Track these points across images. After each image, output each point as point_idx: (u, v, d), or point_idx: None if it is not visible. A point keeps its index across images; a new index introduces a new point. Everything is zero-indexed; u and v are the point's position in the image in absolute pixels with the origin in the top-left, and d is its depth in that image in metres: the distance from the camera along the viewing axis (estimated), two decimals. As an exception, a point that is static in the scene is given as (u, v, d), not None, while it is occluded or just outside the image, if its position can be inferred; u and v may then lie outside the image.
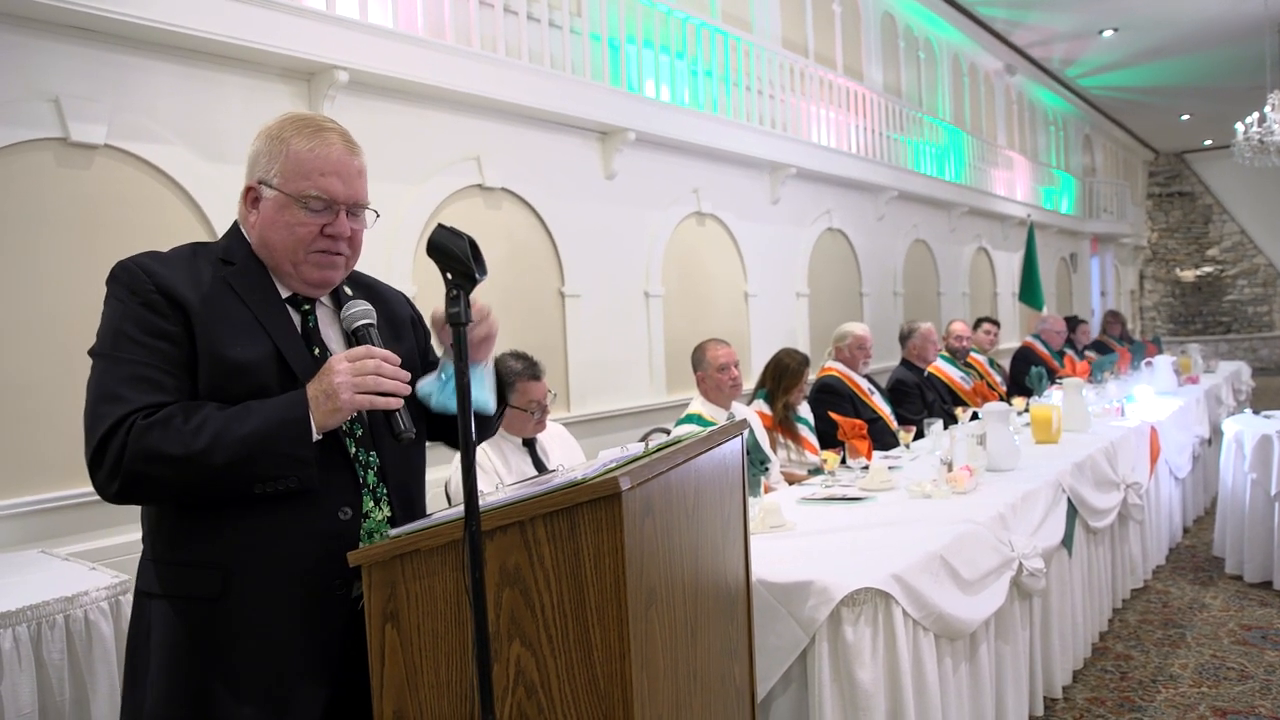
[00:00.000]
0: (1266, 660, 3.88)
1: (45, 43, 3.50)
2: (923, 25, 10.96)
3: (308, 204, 1.56)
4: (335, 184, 1.57)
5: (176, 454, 1.40)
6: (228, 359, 1.50)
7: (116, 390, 1.45)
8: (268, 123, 1.62)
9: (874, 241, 9.54)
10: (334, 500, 1.54)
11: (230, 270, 1.57)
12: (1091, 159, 17.23)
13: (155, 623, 1.52)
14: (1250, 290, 20.26)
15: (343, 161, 1.58)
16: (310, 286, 1.62)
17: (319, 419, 1.47)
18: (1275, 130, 11.26)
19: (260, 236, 1.59)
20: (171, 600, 1.51)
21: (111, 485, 1.43)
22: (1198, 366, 7.59)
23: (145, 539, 1.57)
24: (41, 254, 3.48)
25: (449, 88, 4.81)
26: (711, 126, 6.74)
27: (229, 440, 1.41)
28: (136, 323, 1.49)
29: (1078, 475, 3.85)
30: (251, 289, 1.57)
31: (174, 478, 1.42)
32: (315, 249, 1.58)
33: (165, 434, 1.41)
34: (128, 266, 1.54)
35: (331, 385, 1.47)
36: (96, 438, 1.43)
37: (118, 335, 1.49)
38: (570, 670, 1.34)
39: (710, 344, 4.19)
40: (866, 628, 2.31)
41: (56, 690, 2.48)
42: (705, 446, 1.67)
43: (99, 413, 1.44)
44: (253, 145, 1.61)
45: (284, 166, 1.56)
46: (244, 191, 1.61)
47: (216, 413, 1.44)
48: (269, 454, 1.43)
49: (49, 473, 3.46)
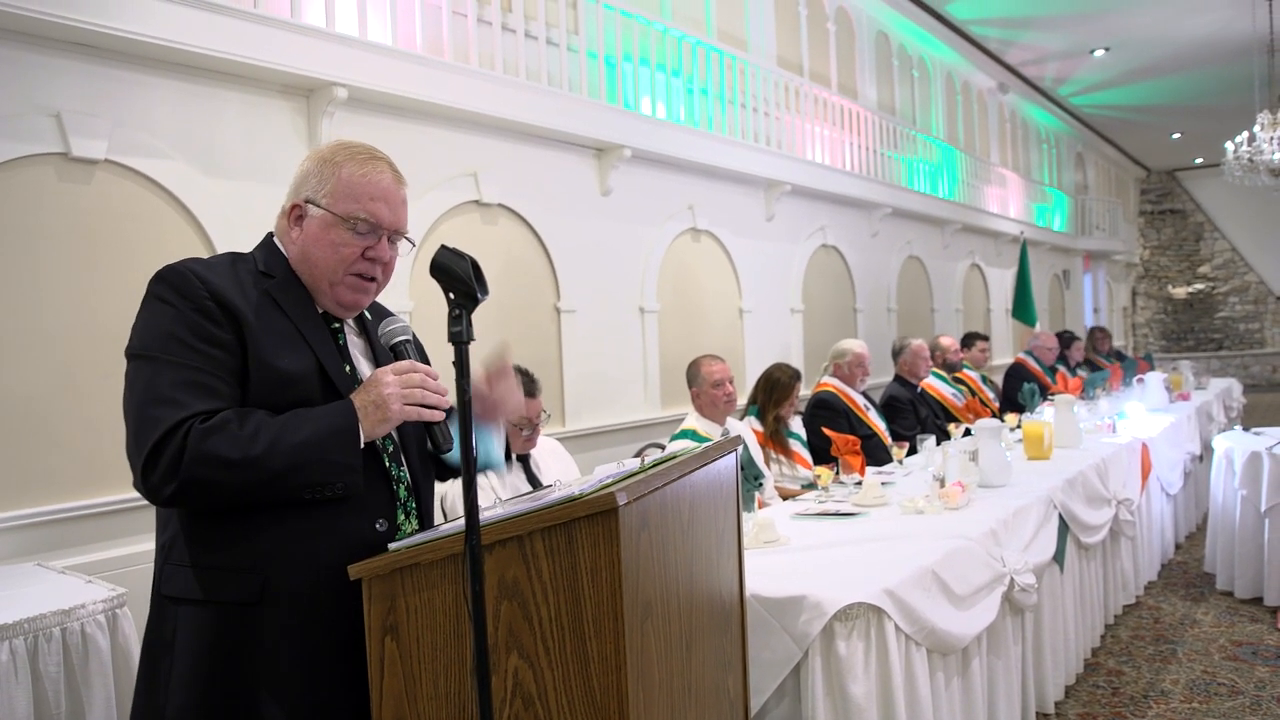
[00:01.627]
0: (1257, 676, 3.90)
1: (46, 58, 3.53)
2: (916, 44, 11.05)
3: (355, 226, 1.63)
4: (383, 210, 1.65)
5: (235, 458, 1.42)
6: (277, 369, 1.54)
7: (171, 394, 1.46)
8: (319, 147, 1.70)
9: (868, 258, 9.59)
10: (372, 511, 1.59)
11: (271, 283, 1.62)
12: (1084, 176, 17.34)
13: (181, 628, 1.52)
14: (1241, 307, 20.37)
15: (390, 190, 1.67)
16: (340, 308, 1.69)
17: (367, 428, 1.52)
18: (1265, 149, 11.37)
19: (302, 252, 1.65)
20: (203, 605, 1.51)
21: (167, 488, 1.43)
22: (1189, 383, 7.64)
23: (170, 543, 1.57)
24: (41, 268, 3.50)
25: (447, 104, 4.85)
26: (707, 144, 6.79)
27: (284, 447, 1.45)
28: (190, 328, 1.50)
29: (1069, 491, 3.88)
30: (292, 303, 1.63)
31: (230, 482, 1.44)
32: (354, 270, 1.65)
33: (224, 439, 1.43)
34: (180, 270, 1.55)
35: (381, 396, 1.53)
36: (151, 440, 1.43)
37: (168, 338, 1.50)
38: (567, 682, 1.36)
39: (705, 360, 4.22)
40: (859, 642, 2.33)
41: (53, 703, 2.49)
42: (700, 462, 1.69)
43: (152, 415, 1.44)
44: (302, 166, 1.68)
45: (335, 188, 1.63)
46: (289, 208, 1.67)
47: (270, 419, 1.48)
48: (321, 461, 1.48)
49: (46, 486, 3.46)
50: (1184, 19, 11.05)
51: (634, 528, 1.39)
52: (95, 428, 3.59)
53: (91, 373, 3.58)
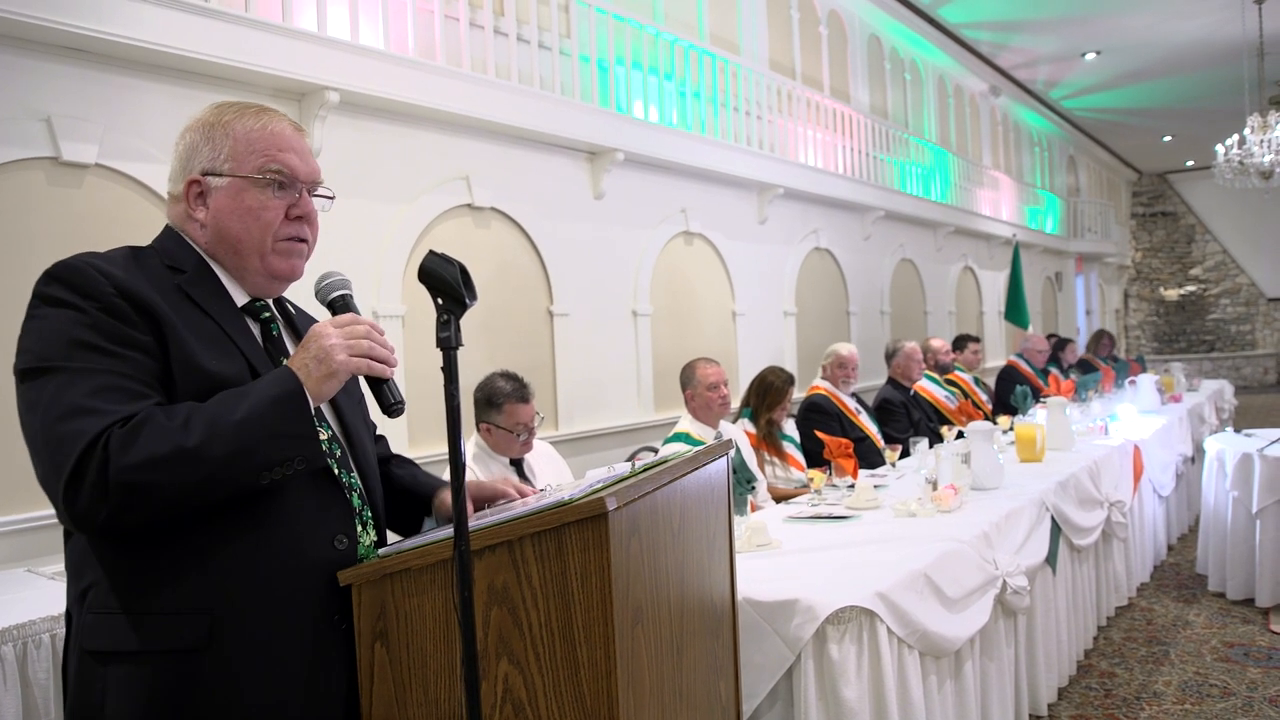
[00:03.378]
0: (1249, 677, 3.91)
1: (37, 62, 3.52)
2: (908, 47, 11.09)
3: (269, 182, 1.44)
4: (294, 160, 1.47)
5: (166, 454, 1.22)
6: (206, 372, 1.35)
7: (82, 404, 1.25)
8: (192, 118, 1.49)
9: (861, 261, 9.61)
10: (330, 527, 1.43)
11: (183, 278, 1.42)
12: (1076, 179, 17.41)
13: (113, 689, 1.30)
14: (1233, 309, 20.46)
15: (295, 138, 1.49)
16: (275, 281, 1.50)
17: (312, 388, 1.34)
18: (1255, 152, 11.42)
19: (217, 232, 1.45)
20: (139, 658, 1.30)
21: (100, 509, 1.23)
22: (1181, 385, 7.67)
23: (90, 588, 1.34)
24: (31, 272, 3.44)
25: (439, 108, 4.85)
26: (699, 147, 6.80)
27: (223, 430, 1.26)
28: (97, 329, 1.30)
29: (1061, 494, 3.89)
30: (210, 298, 1.43)
31: (170, 483, 1.23)
32: (283, 235, 1.46)
33: (150, 436, 1.23)
34: (76, 266, 1.35)
35: (322, 348, 1.35)
36: (71, 459, 1.22)
37: (73, 345, 1.29)
38: (557, 688, 1.36)
39: (700, 363, 4.23)
40: (851, 646, 2.33)
41: (42, 710, 2.48)
42: (691, 466, 1.69)
43: (65, 432, 1.24)
44: (183, 140, 1.48)
45: (234, 149, 1.44)
46: (184, 189, 1.46)
47: (199, 405, 1.29)
48: (271, 435, 1.29)
49: (35, 491, 3.42)
50: (1174, 23, 11.11)
51: (624, 533, 1.38)
52: (86, 433, 3.57)
53: (82, 378, 3.56)
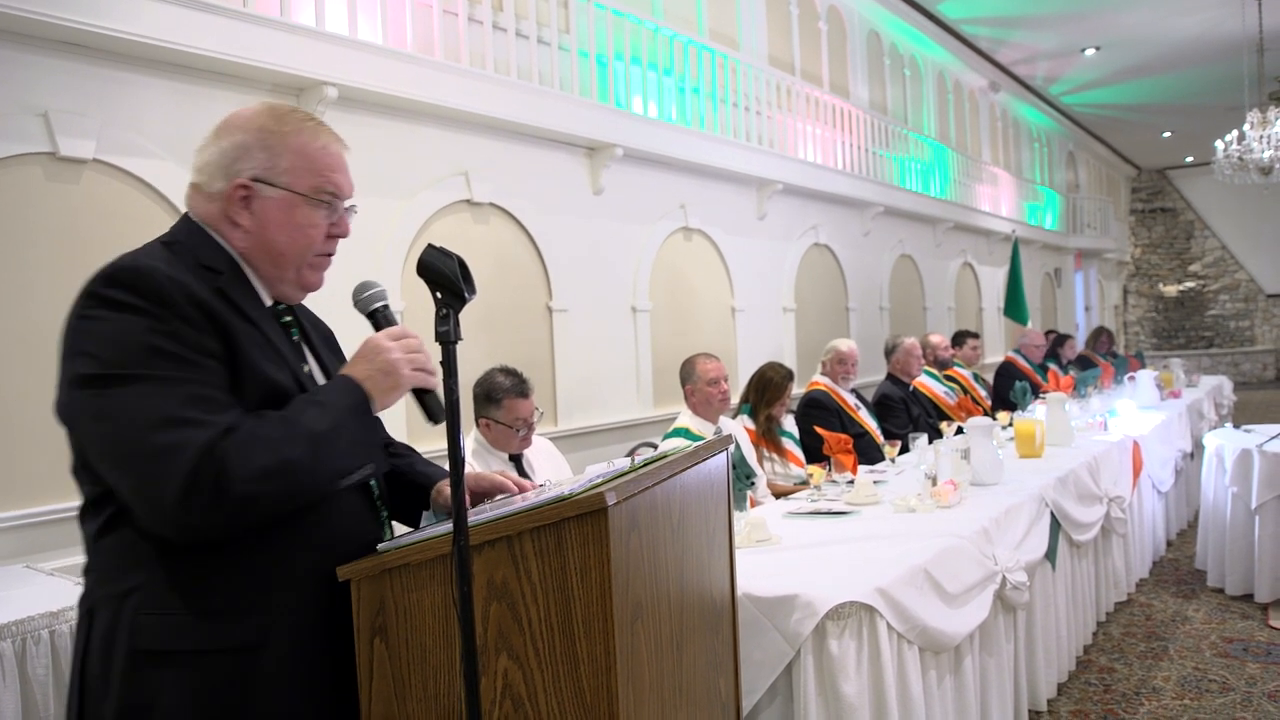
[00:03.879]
0: (1248, 673, 3.91)
1: (34, 57, 3.51)
2: (908, 43, 11.07)
3: (321, 203, 1.46)
4: (343, 180, 1.50)
5: (276, 466, 1.27)
6: (268, 378, 1.38)
7: (179, 414, 1.24)
8: (238, 115, 1.48)
9: (860, 257, 9.61)
10: (365, 528, 1.50)
11: (220, 279, 1.41)
12: (1075, 175, 17.40)
13: (168, 688, 1.30)
14: (1232, 305, 20.46)
15: (344, 158, 1.51)
16: (301, 292, 1.53)
17: (379, 399, 1.40)
18: (1254, 148, 11.41)
19: (260, 241, 1.45)
20: (196, 656, 1.31)
21: (216, 519, 1.25)
22: (1180, 381, 7.66)
23: (138, 589, 1.32)
24: (29, 268, 3.48)
25: (437, 103, 4.84)
26: (699, 143, 6.79)
27: (316, 440, 1.31)
28: (175, 338, 1.28)
29: (1061, 489, 3.88)
30: (246, 301, 1.43)
31: (279, 493, 1.29)
32: (321, 251, 1.49)
33: (259, 448, 1.26)
34: (141, 269, 1.31)
35: (389, 362, 1.41)
36: (182, 469, 1.22)
37: (152, 352, 1.26)
38: (557, 683, 1.35)
39: (700, 358, 4.22)
40: (851, 641, 2.33)
41: (41, 706, 2.47)
42: (691, 462, 1.69)
43: (167, 442, 1.23)
44: (226, 139, 1.45)
45: (293, 164, 1.44)
46: (229, 190, 1.43)
47: (284, 417, 1.33)
48: (351, 445, 1.37)
49: (34, 487, 3.44)
50: (1174, 18, 11.10)
51: (624, 528, 1.38)
52: (84, 429, 3.56)
53: (80, 374, 3.56)
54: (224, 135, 1.46)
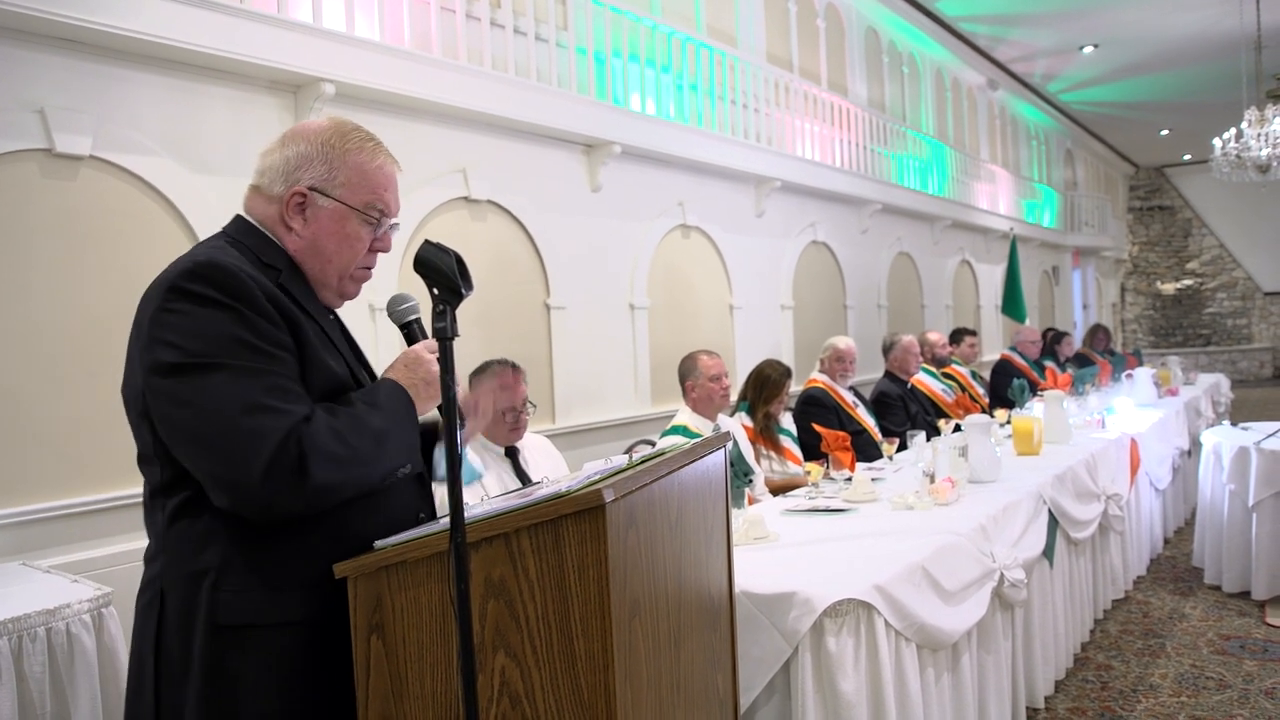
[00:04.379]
0: (1245, 670, 3.92)
1: (30, 53, 3.50)
2: (906, 41, 11.06)
3: (369, 218, 1.57)
4: (392, 199, 1.61)
5: (346, 457, 1.38)
6: (332, 372, 1.49)
7: (262, 401, 1.34)
8: (305, 126, 1.58)
9: (858, 254, 9.60)
10: (413, 505, 1.60)
11: (282, 277, 1.51)
12: (1073, 173, 17.40)
13: (251, 657, 1.40)
14: (1229, 303, 20.47)
15: (396, 177, 1.63)
16: (339, 299, 1.63)
17: (420, 405, 1.52)
18: (1252, 146, 11.41)
19: (312, 246, 1.55)
20: (277, 629, 1.42)
21: (296, 501, 1.35)
22: (1177, 379, 7.66)
23: (218, 568, 1.41)
24: (25, 265, 3.47)
25: (435, 100, 4.83)
26: (697, 140, 6.78)
27: (377, 435, 1.43)
28: (255, 331, 1.38)
29: (1059, 487, 3.88)
30: (305, 298, 1.54)
31: (345, 481, 1.39)
32: (363, 264, 1.61)
33: (334, 438, 1.37)
34: (222, 266, 1.40)
35: (430, 374, 1.53)
36: (265, 454, 1.31)
37: (236, 344, 1.36)
38: (555, 681, 1.35)
39: (702, 354, 4.22)
40: (849, 638, 2.33)
41: (38, 704, 2.47)
42: (688, 459, 1.68)
43: (252, 427, 1.32)
44: (289, 147, 1.56)
45: (348, 178, 1.55)
46: (287, 196, 1.54)
47: (352, 413, 1.44)
48: (401, 445, 1.49)
49: (32, 484, 3.44)
50: (1173, 16, 11.09)
51: (621, 525, 1.38)
52: (81, 426, 3.56)
53: (78, 370, 3.55)
54: (289, 144, 1.57)
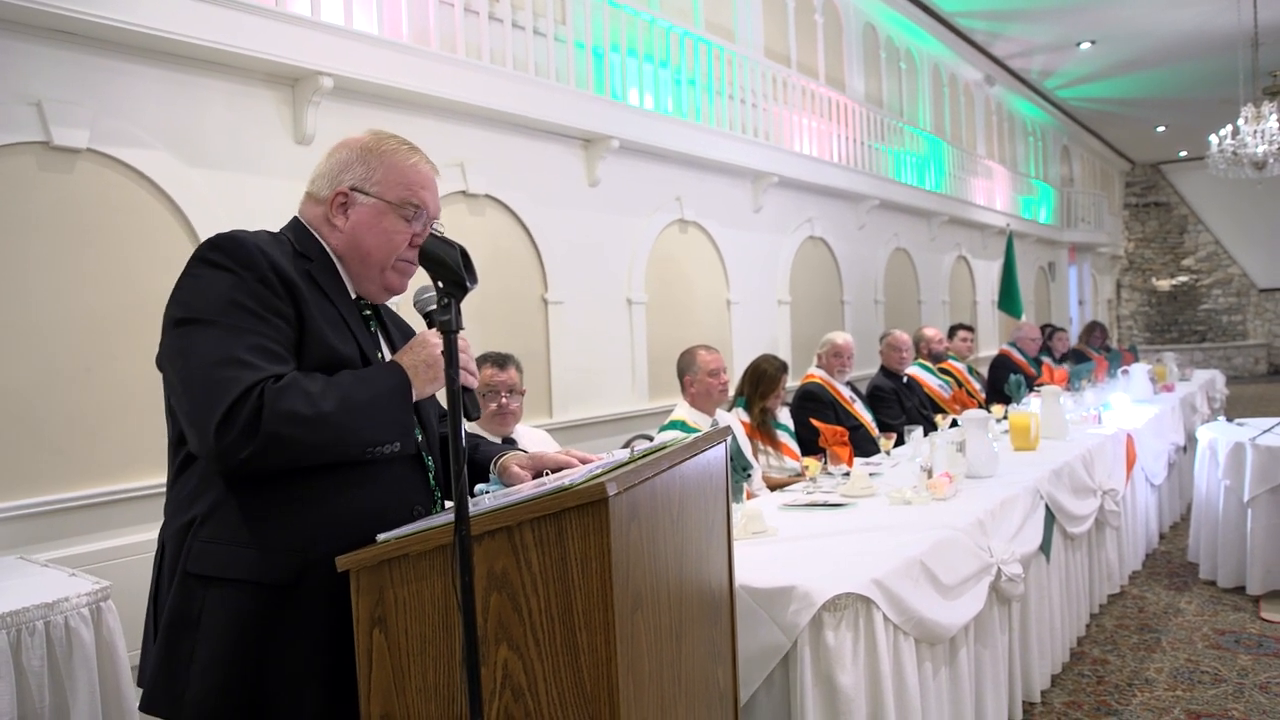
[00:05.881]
0: (1239, 664, 3.94)
1: (27, 45, 3.48)
2: (904, 36, 11.06)
3: (404, 213, 1.68)
4: (429, 197, 1.72)
5: (309, 415, 1.44)
6: (331, 348, 1.57)
7: (241, 356, 1.45)
8: (349, 138, 1.74)
9: (855, 250, 9.61)
10: (409, 496, 1.63)
11: (311, 265, 1.63)
12: (1069, 169, 17.42)
13: (210, 608, 1.49)
14: (1224, 300, 20.52)
15: (433, 179, 1.75)
16: (384, 292, 1.74)
17: (419, 387, 1.57)
18: (1248, 143, 11.43)
19: (351, 240, 1.68)
20: (238, 585, 1.49)
21: (244, 448, 1.41)
22: (1173, 375, 7.69)
23: (202, 519, 1.52)
24: (21, 259, 3.46)
25: (433, 94, 4.82)
26: (694, 134, 6.77)
27: (350, 404, 1.48)
28: (253, 296, 1.50)
29: (1055, 482, 3.89)
30: (332, 287, 1.65)
31: (304, 440, 1.44)
32: (403, 257, 1.70)
33: (296, 395, 1.44)
34: (239, 240, 1.55)
35: (433, 356, 1.59)
36: (227, 401, 1.41)
37: (230, 305, 1.49)
38: (557, 674, 1.35)
39: (700, 349, 4.22)
40: (848, 632, 2.34)
41: (36, 698, 2.46)
42: (690, 453, 1.69)
43: (223, 376, 1.43)
44: (334, 156, 1.72)
45: (385, 177, 1.68)
46: (330, 197, 1.68)
47: (332, 379, 1.51)
48: (385, 419, 1.53)
49: (29, 478, 3.43)
50: (1170, 12, 11.09)
51: (624, 518, 1.38)
52: (79, 419, 3.55)
53: (74, 364, 3.54)
54: (335, 153, 1.73)
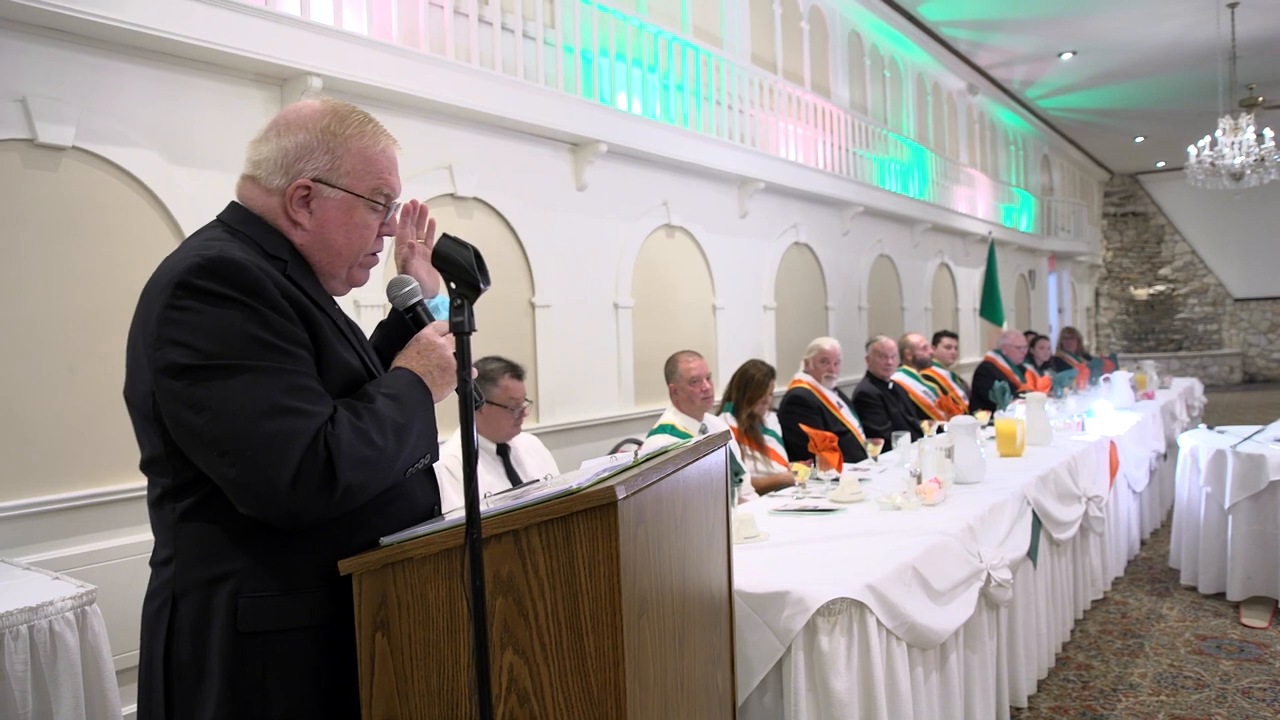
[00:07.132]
0: (1221, 669, 3.97)
1: (13, 41, 3.44)
2: (888, 45, 11.13)
3: (375, 204, 1.51)
4: (396, 182, 1.55)
5: (373, 457, 1.35)
6: (347, 364, 1.44)
7: (285, 403, 1.29)
8: (299, 112, 1.50)
9: (840, 256, 9.65)
10: (430, 497, 1.59)
11: (287, 268, 1.45)
12: (1050, 178, 17.58)
13: (273, 665, 1.36)
14: (1200, 309, 20.77)
15: (397, 159, 1.56)
16: (346, 288, 1.57)
17: (436, 393, 1.49)
18: (1226, 154, 11.59)
19: (319, 239, 1.49)
20: (303, 632, 1.39)
21: (322, 504, 1.30)
22: (1154, 382, 7.76)
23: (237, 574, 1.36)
24: (5, 256, 3.41)
25: (422, 96, 4.80)
26: (681, 140, 6.78)
27: (399, 431, 1.40)
28: (271, 329, 1.32)
29: (1041, 488, 3.92)
30: (312, 289, 1.47)
31: (373, 482, 1.36)
32: (371, 251, 1.55)
33: (357, 439, 1.33)
34: (236, 262, 1.33)
35: (445, 359, 1.50)
36: (294, 459, 1.27)
37: (251, 343, 1.30)
38: (564, 679, 1.34)
39: (682, 356, 4.22)
40: (842, 637, 2.34)
41: (19, 702, 2.42)
42: (692, 458, 1.69)
43: (276, 431, 1.27)
44: (287, 138, 1.48)
45: (352, 166, 1.48)
46: (290, 189, 1.46)
47: (372, 409, 1.39)
48: (420, 436, 1.45)
49: (12, 479, 3.38)
50: (1150, 25, 11.23)
51: (631, 522, 1.38)
52: (63, 420, 3.51)
53: (58, 365, 3.50)
54: (285, 133, 1.48)
